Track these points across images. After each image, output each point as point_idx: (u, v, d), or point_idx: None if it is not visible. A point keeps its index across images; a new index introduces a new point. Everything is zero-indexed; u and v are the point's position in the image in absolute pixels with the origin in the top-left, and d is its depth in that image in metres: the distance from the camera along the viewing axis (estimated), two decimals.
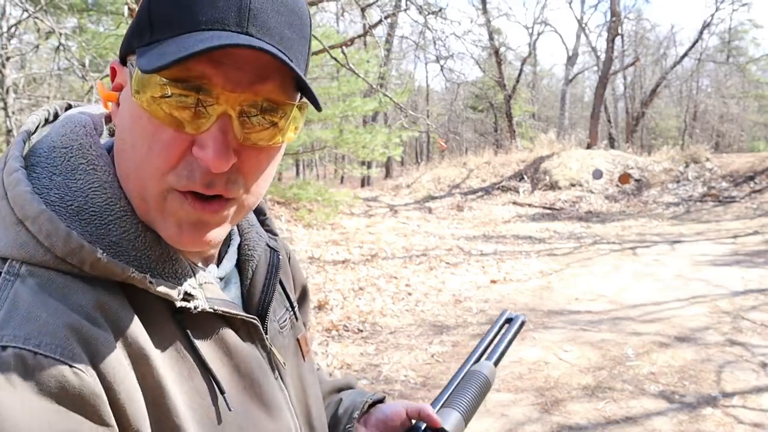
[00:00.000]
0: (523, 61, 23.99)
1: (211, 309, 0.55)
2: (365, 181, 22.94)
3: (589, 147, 17.61)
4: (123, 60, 0.54)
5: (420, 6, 7.46)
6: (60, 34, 5.23)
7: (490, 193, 14.78)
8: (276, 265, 0.67)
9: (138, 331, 0.49)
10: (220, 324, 0.57)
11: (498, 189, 14.96)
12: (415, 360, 4.05)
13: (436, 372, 3.81)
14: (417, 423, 0.75)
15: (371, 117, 18.04)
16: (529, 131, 25.32)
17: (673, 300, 5.37)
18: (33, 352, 0.42)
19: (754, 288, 5.65)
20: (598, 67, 22.69)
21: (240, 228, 0.68)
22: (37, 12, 5.34)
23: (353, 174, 19.63)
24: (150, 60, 0.47)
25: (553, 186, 14.35)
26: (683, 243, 8.38)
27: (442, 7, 8.04)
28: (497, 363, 0.85)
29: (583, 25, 24.61)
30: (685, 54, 23.18)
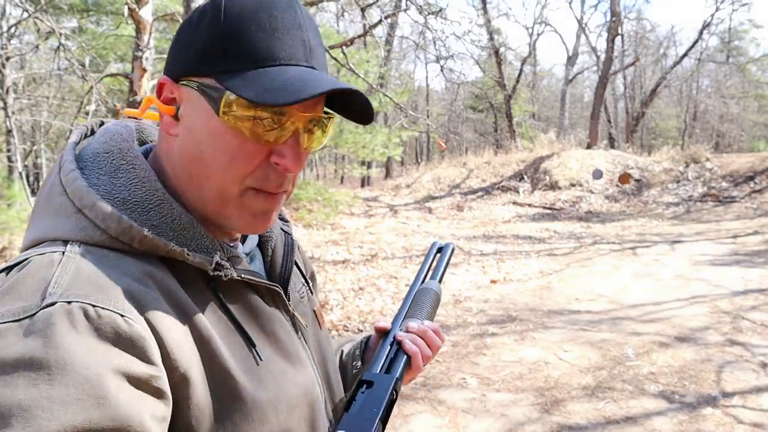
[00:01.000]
0: (523, 61, 23.98)
1: (239, 277, 0.65)
2: (365, 181, 22.94)
3: (589, 147, 17.61)
4: (176, 78, 0.63)
5: (420, 6, 7.46)
6: (60, 34, 5.23)
7: (490, 193, 14.78)
8: (291, 245, 0.80)
9: (180, 294, 0.59)
10: (247, 291, 0.68)
11: (498, 189, 14.96)
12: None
13: (436, 372, 3.81)
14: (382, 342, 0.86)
15: None
16: (529, 131, 25.30)
17: (673, 300, 5.37)
18: (93, 305, 0.52)
19: (754, 288, 5.65)
20: (598, 67, 22.70)
21: None
22: (37, 12, 5.34)
23: (353, 174, 19.65)
24: (257, 93, 0.58)
25: (553, 186, 14.35)
26: (683, 243, 8.38)
27: (442, 8, 8.04)
28: (440, 281, 0.96)
29: (583, 25, 24.61)
30: (685, 54, 23.18)
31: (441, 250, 1.00)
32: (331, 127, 0.69)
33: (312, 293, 0.85)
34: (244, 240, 0.75)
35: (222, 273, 0.62)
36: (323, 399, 0.75)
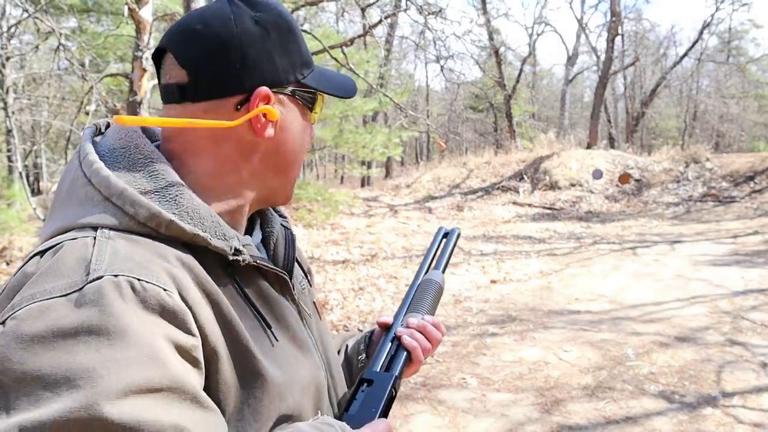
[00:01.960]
0: (523, 61, 23.97)
1: (254, 262, 0.69)
2: (365, 181, 22.93)
3: (589, 147, 17.60)
4: (271, 87, 0.69)
5: (420, 6, 7.46)
6: (60, 34, 5.23)
7: (490, 193, 14.78)
8: (291, 239, 0.83)
9: (206, 277, 0.63)
10: (259, 277, 0.72)
11: (498, 189, 14.95)
12: None
13: (436, 372, 3.81)
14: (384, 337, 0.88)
15: (371, 117, 18.04)
16: (529, 131, 25.28)
17: (673, 300, 5.37)
18: (138, 279, 0.55)
19: (754, 288, 5.65)
20: (598, 67, 22.68)
21: (259, 211, 0.84)
22: (37, 12, 5.34)
23: (353, 174, 19.65)
24: (336, 89, 0.75)
25: (553, 186, 14.35)
26: (683, 243, 8.38)
27: (442, 8, 8.04)
28: (444, 270, 0.97)
29: (583, 25, 24.60)
30: (685, 54, 23.17)
31: (447, 235, 1.02)
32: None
33: (311, 285, 0.89)
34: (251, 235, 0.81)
35: (240, 258, 0.67)
36: (327, 383, 0.78)
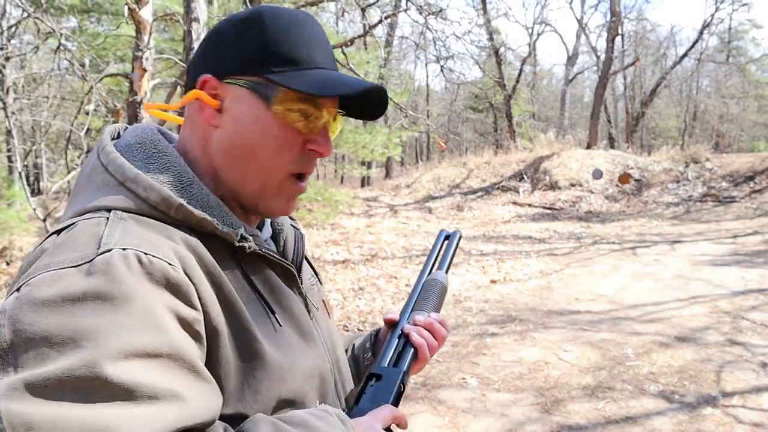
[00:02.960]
0: (523, 61, 23.96)
1: (260, 250, 0.72)
2: (365, 181, 22.93)
3: (589, 147, 17.60)
4: (221, 77, 0.71)
5: (420, 6, 7.46)
6: (60, 34, 5.23)
7: (490, 193, 14.78)
8: (301, 238, 0.86)
9: (210, 260, 0.66)
10: (265, 266, 0.74)
11: (498, 189, 14.95)
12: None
13: (436, 372, 3.81)
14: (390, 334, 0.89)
15: None
16: (529, 131, 25.26)
17: (673, 300, 5.37)
18: (145, 253, 0.58)
19: (754, 288, 5.65)
20: (598, 67, 22.68)
21: None
22: (37, 12, 5.35)
23: (353, 174, 19.65)
24: (309, 86, 0.69)
25: (553, 186, 14.35)
26: (683, 243, 8.38)
27: (442, 8, 8.04)
28: (447, 271, 0.98)
29: (583, 25, 24.61)
30: (685, 54, 23.16)
31: (448, 237, 1.03)
32: (341, 122, 0.79)
33: (321, 284, 0.92)
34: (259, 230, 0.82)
35: (246, 244, 0.69)
36: (333, 379, 0.80)
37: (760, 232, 8.94)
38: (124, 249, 0.57)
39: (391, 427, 0.73)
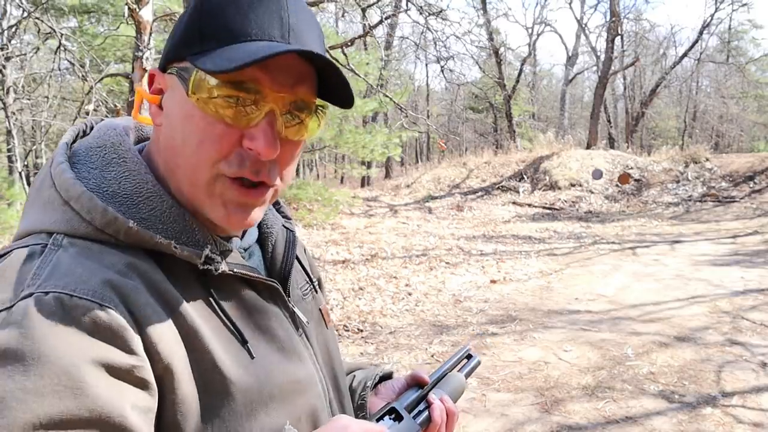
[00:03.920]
0: (523, 61, 23.97)
1: (231, 271, 0.64)
2: (365, 181, 22.92)
3: (589, 147, 17.61)
4: (164, 68, 0.63)
5: (420, 7, 7.46)
6: (60, 34, 5.23)
7: (490, 193, 14.78)
8: (293, 242, 0.78)
9: (166, 286, 0.58)
10: (242, 286, 0.66)
11: (498, 189, 14.95)
12: (415, 360, 4.05)
13: None
14: (410, 389, 0.88)
15: (371, 117, 18.03)
16: (529, 131, 25.29)
17: (673, 300, 5.37)
18: (70, 295, 0.51)
19: (753, 288, 5.65)
20: (597, 68, 22.68)
21: None
22: (37, 12, 5.35)
23: (353, 174, 19.64)
24: (217, 63, 0.55)
25: (553, 186, 14.35)
26: (683, 243, 8.38)
27: (442, 9, 8.05)
28: (466, 378, 0.96)
29: (583, 25, 24.60)
30: (685, 54, 23.16)
31: (469, 357, 1.03)
32: (323, 119, 0.64)
33: (317, 292, 0.84)
34: (243, 236, 0.73)
35: (212, 267, 0.61)
36: (327, 397, 0.73)
37: (759, 232, 8.94)
38: (45, 293, 0.50)
39: None
